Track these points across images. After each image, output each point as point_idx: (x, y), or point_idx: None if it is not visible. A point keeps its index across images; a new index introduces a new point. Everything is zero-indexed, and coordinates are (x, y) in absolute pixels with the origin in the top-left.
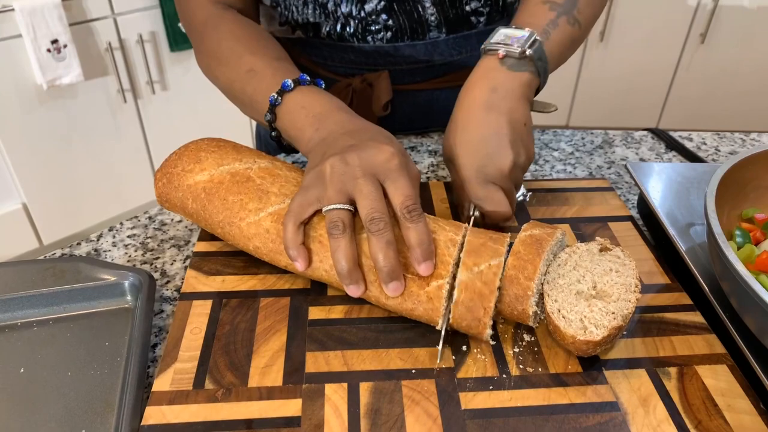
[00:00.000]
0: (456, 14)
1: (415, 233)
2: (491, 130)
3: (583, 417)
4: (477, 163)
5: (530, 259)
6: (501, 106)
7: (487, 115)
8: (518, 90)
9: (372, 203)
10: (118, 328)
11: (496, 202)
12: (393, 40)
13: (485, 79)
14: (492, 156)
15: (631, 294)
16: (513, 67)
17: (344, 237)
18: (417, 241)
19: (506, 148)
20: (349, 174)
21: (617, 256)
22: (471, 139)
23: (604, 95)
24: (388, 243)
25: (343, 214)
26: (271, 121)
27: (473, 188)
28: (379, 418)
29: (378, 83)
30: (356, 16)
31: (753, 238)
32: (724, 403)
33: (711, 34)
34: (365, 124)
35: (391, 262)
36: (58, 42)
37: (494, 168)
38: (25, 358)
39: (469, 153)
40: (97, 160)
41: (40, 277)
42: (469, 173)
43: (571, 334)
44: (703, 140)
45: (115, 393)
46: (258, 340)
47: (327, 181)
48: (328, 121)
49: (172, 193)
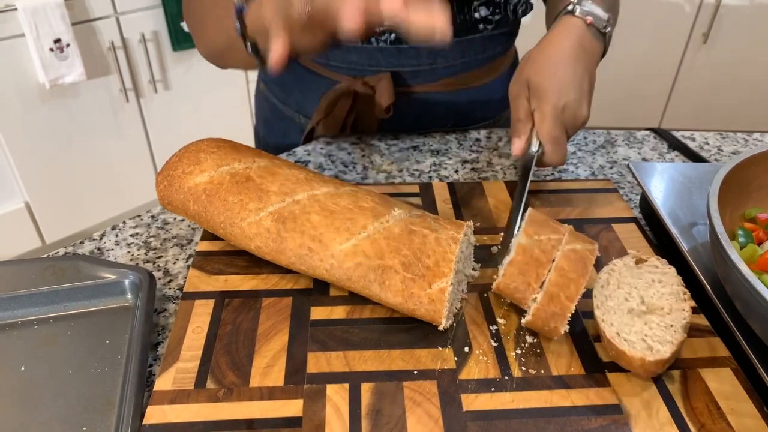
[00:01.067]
0: (463, 20)
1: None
2: (578, 81)
3: (585, 420)
4: (563, 103)
5: (574, 279)
6: (586, 62)
7: (577, 65)
8: (595, 57)
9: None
10: (119, 327)
11: (562, 145)
12: (397, 42)
13: (574, 35)
14: (577, 104)
15: (683, 302)
16: (595, 36)
17: None
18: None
19: (586, 103)
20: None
21: (655, 266)
22: (560, 80)
23: (607, 95)
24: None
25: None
26: (242, 32)
27: (551, 126)
28: (381, 419)
29: (380, 86)
30: None
31: (756, 237)
32: (727, 407)
33: (714, 34)
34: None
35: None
36: (60, 41)
37: (573, 116)
38: (25, 357)
39: (557, 92)
40: (100, 159)
41: (40, 275)
42: (553, 111)
43: (639, 357)
44: (706, 140)
45: (116, 391)
46: (260, 340)
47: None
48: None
49: (173, 195)
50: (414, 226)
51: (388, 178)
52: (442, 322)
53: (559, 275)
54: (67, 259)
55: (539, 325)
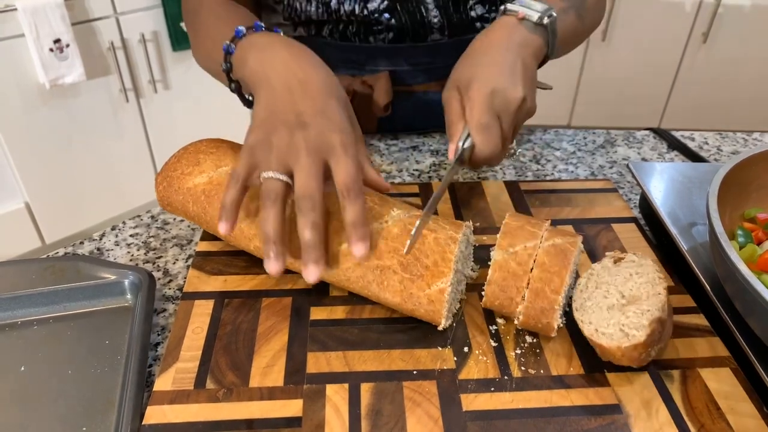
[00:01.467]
0: (460, 19)
1: (351, 213)
2: (508, 66)
3: (584, 419)
4: (490, 88)
5: (556, 271)
6: (518, 51)
7: (505, 53)
8: (532, 48)
9: (306, 181)
10: (119, 327)
11: (493, 134)
12: (395, 41)
13: (503, 30)
14: (506, 87)
15: (658, 286)
16: (530, 29)
17: (273, 207)
18: (351, 221)
19: (520, 83)
20: (294, 147)
21: (632, 261)
22: (487, 68)
23: (606, 95)
24: (313, 224)
25: (277, 185)
26: (228, 71)
27: (478, 112)
28: (380, 419)
29: (378, 85)
30: (359, 14)
31: (755, 237)
32: (727, 407)
33: (713, 34)
34: (313, 73)
35: (314, 245)
36: (60, 41)
37: (505, 98)
38: (25, 357)
39: (484, 79)
40: (100, 160)
41: (39, 275)
42: (480, 96)
43: (616, 346)
44: (705, 140)
45: (116, 391)
46: (259, 340)
47: (272, 148)
48: (274, 59)
49: (173, 196)
50: (413, 226)
51: (388, 178)
52: (441, 322)
53: (541, 270)
54: (66, 260)
55: (532, 324)
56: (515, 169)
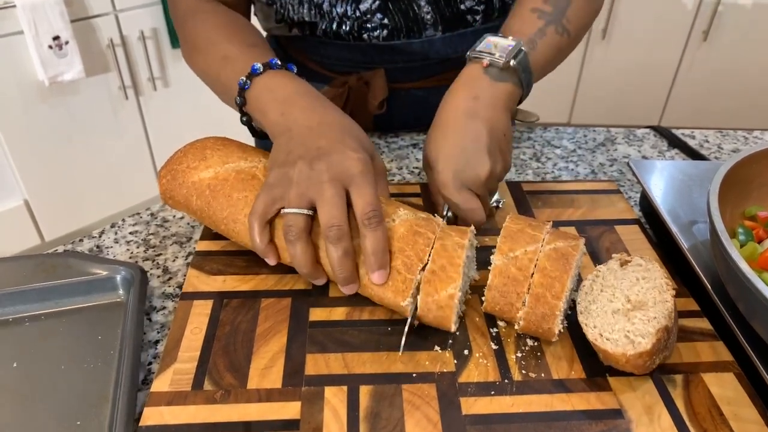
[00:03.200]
0: (452, 12)
1: (371, 241)
2: (471, 137)
3: (585, 424)
4: (454, 168)
5: (557, 276)
6: (482, 114)
7: (468, 122)
8: (500, 100)
9: (332, 210)
10: (111, 322)
11: (471, 207)
12: (389, 39)
13: (468, 87)
14: (470, 163)
15: (666, 293)
16: (496, 77)
17: (299, 242)
18: (372, 249)
19: (484, 156)
20: (314, 179)
21: (639, 265)
22: (450, 145)
23: (606, 93)
24: (345, 252)
25: (299, 219)
26: (241, 105)
27: (449, 192)
28: (379, 422)
29: (374, 81)
30: (351, 15)
31: (756, 235)
32: (730, 412)
33: (713, 32)
34: (332, 116)
35: (348, 269)
36: (59, 38)
37: (471, 174)
38: (17, 353)
39: (447, 158)
40: (99, 157)
41: (31, 272)
42: (446, 178)
43: (621, 353)
44: (706, 138)
45: (109, 385)
46: (258, 341)
47: (292, 182)
48: (293, 108)
49: (176, 189)
50: (419, 228)
51: (388, 176)
52: (451, 327)
53: (542, 275)
54: (57, 256)
55: (533, 329)
56: (515, 168)
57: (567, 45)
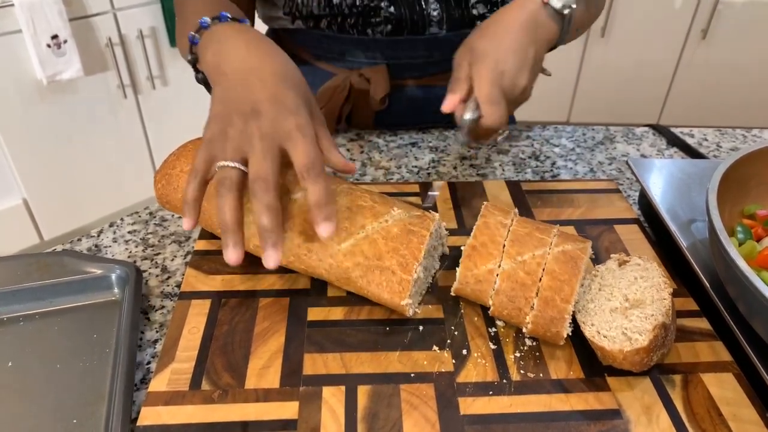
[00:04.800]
0: (461, 14)
1: (314, 193)
2: (522, 51)
3: (584, 425)
4: (501, 68)
5: (566, 279)
6: (534, 37)
7: (524, 36)
8: (548, 34)
9: (260, 162)
10: (106, 321)
11: (500, 107)
12: (393, 34)
13: (529, 11)
14: (515, 70)
15: (663, 291)
16: (550, 15)
17: (229, 195)
18: (315, 201)
19: (527, 72)
20: (248, 135)
21: (637, 264)
22: (504, 47)
23: (605, 91)
24: (267, 206)
25: (231, 173)
26: (194, 63)
27: (488, 87)
28: (377, 422)
29: (375, 77)
30: (359, 5)
31: (754, 234)
32: (729, 413)
33: (712, 30)
34: (269, 61)
35: (271, 228)
36: (58, 37)
37: (512, 81)
38: (12, 352)
39: (498, 57)
40: (98, 156)
41: (25, 271)
42: (491, 74)
43: (618, 350)
44: (705, 136)
45: (105, 383)
46: (256, 341)
47: (227, 138)
48: (227, 47)
49: (171, 194)
50: (413, 226)
51: (387, 175)
52: (488, 302)
53: (551, 278)
54: (52, 255)
55: (541, 333)
56: (514, 166)
57: (587, 22)
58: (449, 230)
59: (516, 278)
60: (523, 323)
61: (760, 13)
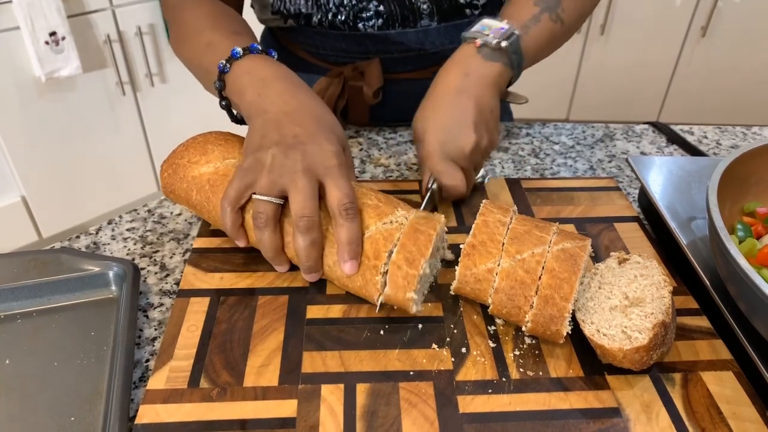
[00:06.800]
0: (450, 5)
1: (346, 231)
2: (458, 112)
3: (583, 423)
4: (441, 140)
5: (566, 277)
6: (471, 91)
7: (457, 98)
8: (490, 78)
9: (304, 201)
10: (104, 318)
11: (454, 177)
12: (384, 28)
13: (460, 65)
14: (456, 136)
15: (663, 290)
16: (488, 56)
17: (267, 229)
18: (346, 240)
19: (470, 130)
20: (288, 168)
21: (637, 262)
22: (439, 118)
23: (605, 88)
24: (312, 242)
25: (268, 207)
26: (220, 89)
27: (434, 162)
28: (376, 420)
29: (369, 70)
30: (347, 4)
31: (754, 232)
32: (729, 411)
33: (712, 28)
34: (308, 103)
35: (313, 259)
36: (56, 34)
37: (456, 147)
38: (9, 350)
39: (435, 130)
40: (96, 153)
41: (22, 269)
42: (432, 148)
43: (618, 348)
44: (705, 134)
45: (103, 381)
46: (255, 339)
47: (265, 169)
48: (270, 90)
49: (177, 184)
50: (420, 226)
51: (386, 172)
52: (487, 300)
53: (551, 276)
54: (49, 253)
55: (540, 331)
56: (514, 164)
57: (561, 33)
58: (448, 228)
59: (515, 276)
60: (522, 321)
61: (759, 11)
